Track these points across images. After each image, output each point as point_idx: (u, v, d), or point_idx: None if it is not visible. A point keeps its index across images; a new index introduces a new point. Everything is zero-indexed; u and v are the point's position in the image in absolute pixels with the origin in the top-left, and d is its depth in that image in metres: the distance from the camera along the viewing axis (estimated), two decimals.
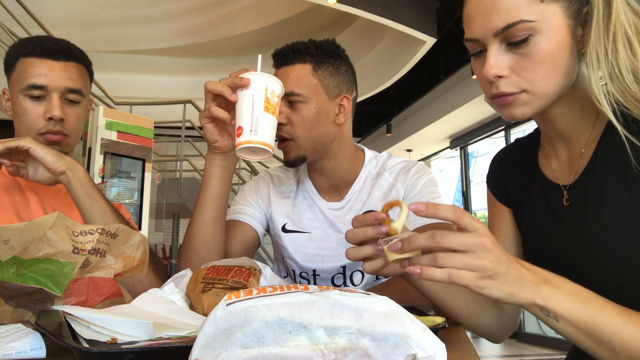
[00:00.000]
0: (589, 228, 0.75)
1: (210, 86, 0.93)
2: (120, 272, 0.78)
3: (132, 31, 7.78)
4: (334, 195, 1.24)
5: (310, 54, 1.14)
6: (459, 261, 0.59)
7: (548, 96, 0.73)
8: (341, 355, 0.42)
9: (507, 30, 0.70)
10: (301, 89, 1.11)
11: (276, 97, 0.90)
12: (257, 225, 1.23)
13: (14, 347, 0.57)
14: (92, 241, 0.75)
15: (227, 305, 0.43)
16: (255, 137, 0.87)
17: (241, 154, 0.91)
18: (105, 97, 5.15)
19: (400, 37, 6.55)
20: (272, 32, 7.55)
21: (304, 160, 1.16)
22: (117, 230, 0.78)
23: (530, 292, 0.61)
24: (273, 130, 0.90)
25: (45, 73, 1.09)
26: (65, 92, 1.11)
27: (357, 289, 0.60)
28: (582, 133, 0.79)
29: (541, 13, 0.69)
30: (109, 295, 0.76)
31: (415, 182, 1.18)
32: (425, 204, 0.62)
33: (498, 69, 0.71)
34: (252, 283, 0.75)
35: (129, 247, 0.80)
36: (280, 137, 1.13)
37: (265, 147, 0.87)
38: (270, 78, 0.90)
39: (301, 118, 1.12)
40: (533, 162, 0.89)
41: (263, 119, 0.87)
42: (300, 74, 1.13)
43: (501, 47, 0.72)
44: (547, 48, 0.69)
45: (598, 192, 0.74)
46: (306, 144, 1.13)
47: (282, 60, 1.15)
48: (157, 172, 6.42)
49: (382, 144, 9.33)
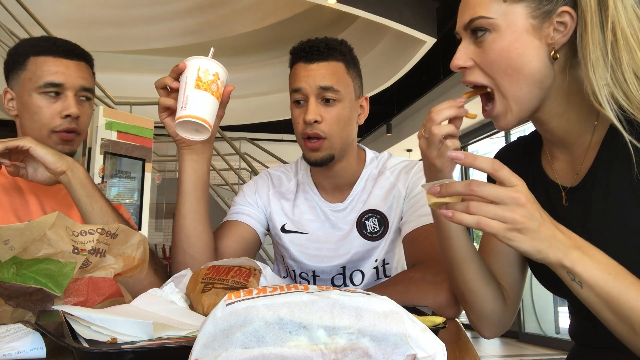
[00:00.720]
0: (592, 232, 0.75)
1: (156, 82, 0.97)
2: (120, 272, 0.78)
3: (132, 31, 7.78)
4: (337, 196, 1.24)
5: (342, 52, 1.14)
6: (490, 211, 0.61)
7: (517, 97, 0.74)
8: (341, 355, 0.42)
9: (470, 25, 0.75)
10: (340, 86, 1.11)
11: (211, 75, 0.92)
12: (256, 225, 1.23)
13: (14, 347, 0.57)
14: (92, 241, 0.75)
15: (227, 305, 0.43)
16: (185, 112, 0.89)
17: (181, 132, 0.95)
18: (105, 97, 5.15)
19: (400, 37, 6.55)
20: (272, 32, 7.55)
21: (332, 160, 1.14)
22: (117, 230, 0.78)
23: (559, 253, 0.63)
24: (207, 104, 0.91)
25: (62, 71, 1.11)
26: (79, 91, 1.13)
27: (357, 289, 0.60)
28: (581, 136, 0.79)
29: (502, 12, 0.72)
30: (109, 295, 0.76)
31: (417, 182, 1.18)
32: (464, 153, 0.65)
33: (460, 60, 0.77)
34: (252, 283, 0.75)
35: (129, 247, 0.80)
36: (315, 135, 1.11)
37: (195, 119, 0.89)
38: (204, 59, 0.93)
39: (337, 117, 1.11)
40: (535, 161, 0.89)
41: (193, 95, 0.90)
42: (337, 70, 1.12)
43: (468, 41, 0.77)
44: (501, 45, 0.73)
45: (602, 196, 0.74)
46: (337, 143, 1.13)
47: (315, 55, 1.11)
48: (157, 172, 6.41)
49: (382, 144, 9.33)
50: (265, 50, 8.16)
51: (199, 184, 1.05)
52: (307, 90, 1.10)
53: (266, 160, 7.35)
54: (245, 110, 8.94)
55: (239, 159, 6.83)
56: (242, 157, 6.54)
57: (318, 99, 1.10)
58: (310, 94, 1.10)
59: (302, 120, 1.11)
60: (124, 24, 7.62)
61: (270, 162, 6.90)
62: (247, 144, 8.31)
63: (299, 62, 1.13)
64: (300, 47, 1.14)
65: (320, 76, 1.10)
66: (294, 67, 1.14)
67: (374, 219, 1.19)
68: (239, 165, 7.28)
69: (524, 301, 5.67)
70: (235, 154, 6.51)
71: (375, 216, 1.19)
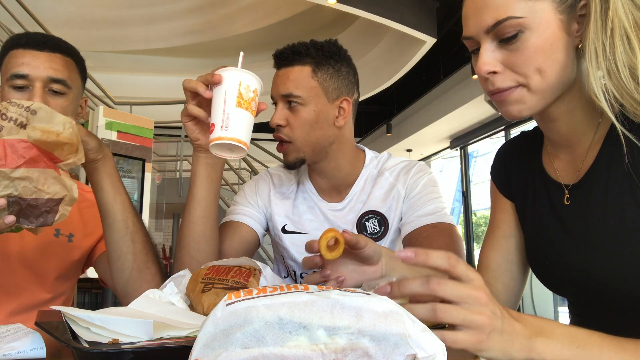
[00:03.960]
0: (593, 230, 0.75)
1: (187, 84, 0.92)
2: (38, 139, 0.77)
3: (132, 31, 7.78)
4: (335, 196, 1.24)
5: (310, 55, 1.13)
6: (459, 316, 0.54)
7: (544, 91, 0.73)
8: (341, 355, 0.42)
9: (497, 27, 0.71)
10: (300, 91, 1.11)
11: (251, 92, 0.88)
12: (256, 226, 1.23)
13: (14, 347, 0.57)
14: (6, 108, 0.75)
15: (227, 305, 0.43)
16: (226, 133, 0.84)
17: (215, 150, 0.89)
18: (105, 97, 5.15)
19: (400, 37, 6.55)
20: (272, 32, 7.55)
21: (303, 162, 1.16)
22: (34, 106, 0.77)
23: (524, 350, 0.57)
24: (247, 125, 0.87)
25: (27, 62, 1.05)
26: (48, 82, 1.07)
27: (357, 289, 0.59)
28: (585, 135, 0.78)
29: (530, 9, 0.70)
30: (30, 158, 0.76)
31: (416, 182, 1.18)
32: (414, 251, 0.57)
33: (490, 65, 0.73)
34: (252, 283, 0.75)
35: (52, 125, 0.79)
36: (279, 138, 1.14)
37: (237, 143, 0.85)
38: (245, 73, 0.88)
39: (300, 120, 1.12)
40: (537, 159, 0.89)
41: (235, 115, 0.85)
42: (300, 75, 1.12)
43: (493, 44, 0.73)
44: (537, 43, 0.70)
45: (602, 193, 0.74)
46: (305, 146, 1.14)
47: (282, 61, 1.15)
48: (157, 172, 6.42)
49: (382, 144, 9.33)
50: (265, 50, 8.13)
51: (211, 189, 1.04)
52: (274, 97, 1.16)
53: (266, 160, 7.35)
54: None
55: (239, 159, 6.82)
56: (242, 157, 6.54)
57: (284, 104, 1.13)
58: (277, 100, 1.15)
59: None
60: (124, 24, 7.61)
61: (270, 162, 6.90)
62: None
63: (275, 68, 1.18)
64: (273, 54, 1.17)
65: (282, 83, 1.13)
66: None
67: (373, 220, 1.19)
68: (239, 165, 7.28)
69: (523, 301, 5.67)
70: None
71: (375, 217, 1.19)
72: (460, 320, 0.54)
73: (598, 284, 0.75)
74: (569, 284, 0.82)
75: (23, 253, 1.10)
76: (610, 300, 0.75)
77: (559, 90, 0.74)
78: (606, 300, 0.76)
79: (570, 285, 0.82)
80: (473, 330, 0.54)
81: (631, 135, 0.68)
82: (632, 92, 0.67)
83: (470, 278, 0.57)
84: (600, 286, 0.75)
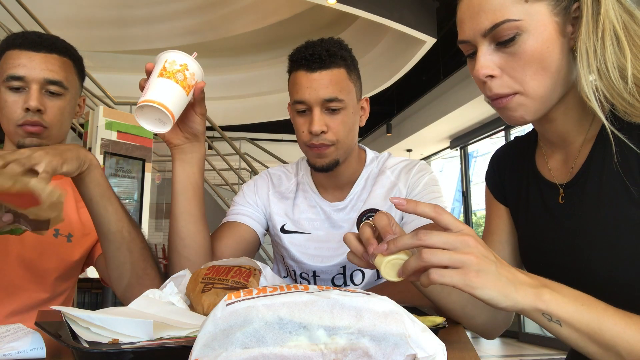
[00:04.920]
0: (587, 226, 0.75)
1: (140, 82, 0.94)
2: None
3: (132, 31, 7.78)
4: (337, 195, 1.24)
5: (342, 57, 1.11)
6: (445, 257, 0.58)
7: (542, 97, 0.73)
8: (341, 355, 0.42)
9: (494, 30, 0.71)
10: (343, 94, 1.09)
11: (178, 65, 0.90)
12: (255, 226, 1.22)
13: (14, 347, 0.57)
14: None
15: (227, 305, 0.43)
16: (142, 97, 0.87)
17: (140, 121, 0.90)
18: (105, 97, 5.15)
19: (400, 37, 6.55)
20: (272, 32, 7.55)
21: (337, 165, 1.14)
22: None
23: (530, 297, 0.59)
24: (167, 91, 0.87)
25: (24, 64, 1.05)
26: (45, 84, 1.07)
27: (357, 289, 0.59)
28: (580, 133, 0.79)
29: (526, 12, 0.70)
30: None
31: (418, 181, 1.18)
32: (405, 199, 0.63)
33: (488, 69, 0.72)
34: (252, 283, 0.75)
35: None
36: (322, 145, 1.10)
37: (151, 103, 0.85)
38: (173, 52, 0.92)
39: (342, 124, 1.10)
40: (530, 161, 0.89)
41: (155, 82, 0.88)
42: (339, 78, 1.10)
43: (490, 47, 0.73)
44: (534, 46, 0.70)
45: (596, 191, 0.75)
46: (343, 148, 1.13)
47: (318, 63, 1.09)
48: (157, 172, 6.41)
49: (382, 144, 9.33)
50: (265, 50, 8.16)
51: (189, 184, 1.02)
52: (310, 102, 1.09)
53: (266, 160, 7.35)
54: (245, 110, 8.94)
55: (239, 159, 6.82)
56: (242, 157, 6.54)
57: (322, 109, 1.09)
58: (314, 105, 1.09)
59: (306, 129, 1.10)
60: (124, 24, 7.62)
61: (270, 162, 6.90)
62: (247, 144, 8.31)
63: (299, 70, 1.10)
64: (300, 55, 1.10)
65: (323, 87, 1.08)
66: (295, 75, 1.12)
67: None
68: (239, 165, 7.28)
69: None
70: (235, 154, 6.51)
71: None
72: (446, 260, 0.58)
73: (595, 283, 0.75)
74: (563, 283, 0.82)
75: (22, 253, 1.10)
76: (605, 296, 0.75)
77: (559, 92, 0.74)
78: (602, 297, 0.76)
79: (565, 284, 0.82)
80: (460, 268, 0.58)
81: (620, 134, 0.69)
82: (621, 92, 0.67)
83: (459, 228, 0.61)
84: (598, 285, 0.75)
